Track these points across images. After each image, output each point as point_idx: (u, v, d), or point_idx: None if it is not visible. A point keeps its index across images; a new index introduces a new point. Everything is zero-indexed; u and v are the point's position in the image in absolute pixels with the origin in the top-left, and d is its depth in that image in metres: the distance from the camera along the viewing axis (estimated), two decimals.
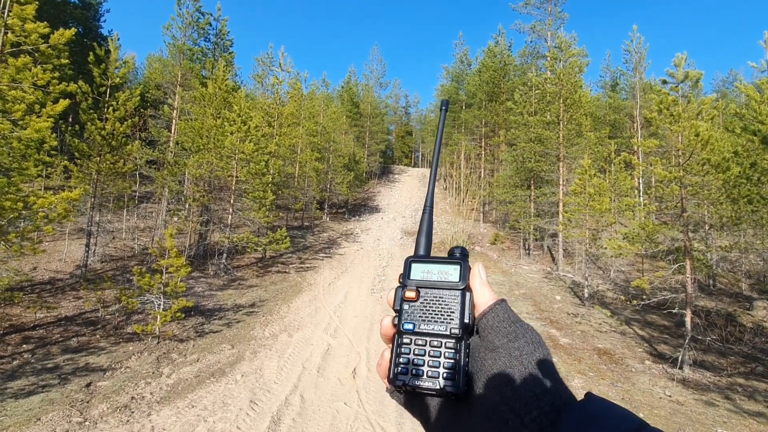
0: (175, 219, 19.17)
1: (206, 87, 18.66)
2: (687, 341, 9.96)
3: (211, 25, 24.32)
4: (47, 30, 8.97)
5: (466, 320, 0.51)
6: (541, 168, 21.09)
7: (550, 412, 0.42)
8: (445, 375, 0.49)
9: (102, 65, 13.86)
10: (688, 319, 10.31)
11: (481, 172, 32.41)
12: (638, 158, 19.86)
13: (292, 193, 23.70)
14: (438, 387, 0.48)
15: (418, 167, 60.76)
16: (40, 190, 14.94)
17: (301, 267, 17.34)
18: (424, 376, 0.49)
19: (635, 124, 31.36)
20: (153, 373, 7.80)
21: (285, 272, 16.50)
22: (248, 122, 16.86)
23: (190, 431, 5.80)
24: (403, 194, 36.39)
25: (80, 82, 12.72)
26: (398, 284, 0.58)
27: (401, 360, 0.51)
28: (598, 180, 15.19)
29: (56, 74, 9.30)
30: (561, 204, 18.99)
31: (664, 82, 11.17)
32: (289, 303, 12.61)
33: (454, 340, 0.51)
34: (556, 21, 29.52)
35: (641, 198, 23.87)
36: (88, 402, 6.62)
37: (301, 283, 14.97)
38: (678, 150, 10.70)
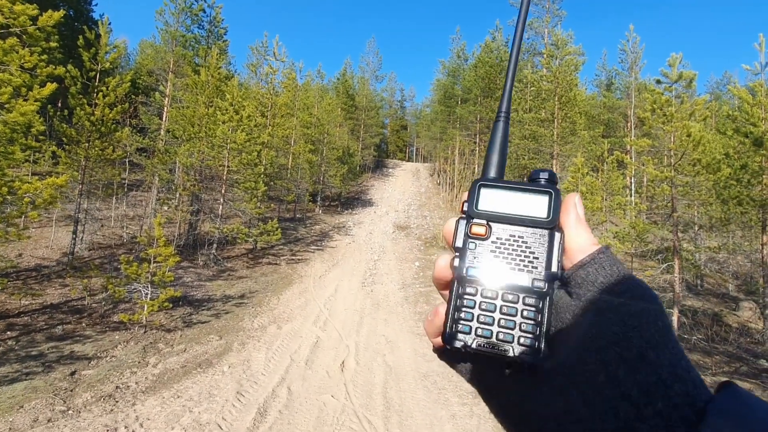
0: (165, 208, 18.97)
1: (199, 75, 18.40)
2: None
3: (204, 11, 23.96)
4: (36, 12, 8.76)
5: (554, 269, 0.40)
6: (535, 165, 21.14)
7: (683, 406, 0.31)
8: (521, 340, 0.38)
9: (92, 49, 13.59)
10: (675, 318, 10.43)
11: (475, 168, 32.45)
12: (631, 157, 19.97)
13: (285, 184, 23.55)
14: (511, 354, 0.38)
15: (413, 161, 60.71)
16: (27, 175, 14.69)
17: (292, 259, 17.27)
18: (493, 339, 0.39)
19: (629, 124, 31.53)
20: (139, 362, 7.73)
21: (276, 264, 16.43)
22: (241, 111, 16.68)
23: (175, 421, 5.75)
24: (396, 188, 36.36)
25: (69, 66, 12.46)
26: (460, 215, 0.45)
27: (462, 315, 0.40)
28: (590, 179, 15.25)
29: (44, 57, 9.09)
30: None
31: (659, 81, 11.20)
32: (279, 295, 12.56)
33: (536, 296, 0.39)
34: (554, 18, 29.56)
35: (633, 197, 24.05)
36: (72, 390, 6.54)
37: (292, 275, 14.91)
38: (670, 150, 10.76)
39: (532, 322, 0.38)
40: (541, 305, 0.39)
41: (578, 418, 0.33)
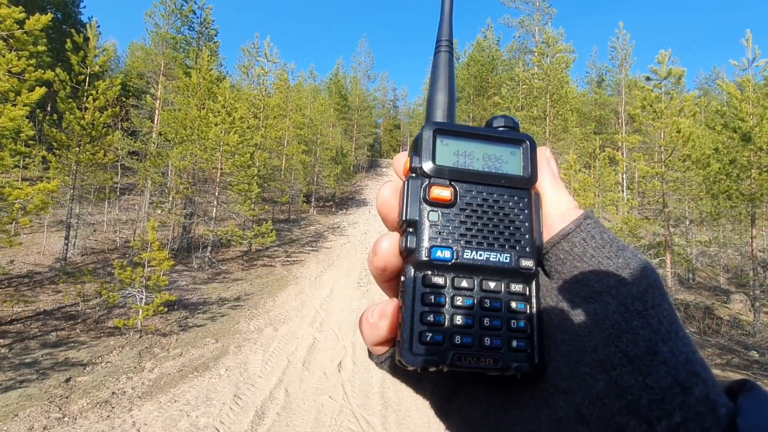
0: (158, 211, 18.85)
1: (190, 77, 18.30)
2: None
3: (195, 13, 23.84)
4: (23, 15, 8.68)
5: (538, 242, 0.31)
6: None
7: (706, 416, 0.23)
8: (513, 343, 0.29)
9: (80, 53, 13.47)
10: None
11: None
12: (622, 154, 20.14)
13: (279, 185, 23.50)
14: (501, 365, 0.28)
15: None
16: (17, 180, 14.53)
17: (288, 260, 17.23)
18: (475, 347, 0.29)
19: (620, 120, 31.77)
20: (135, 367, 7.69)
21: (271, 266, 16.38)
22: (233, 113, 16.62)
23: (173, 426, 5.73)
24: None
25: (58, 70, 12.35)
26: (407, 173, 0.34)
27: (429, 319, 0.29)
28: (583, 175, 15.37)
29: (32, 61, 9.01)
30: None
31: (648, 78, 11.32)
32: (274, 297, 12.53)
33: (524, 280, 0.31)
34: (544, 16, 29.68)
35: (624, 193, 24.25)
36: (67, 397, 6.49)
37: (287, 277, 14.88)
38: (660, 146, 10.87)
39: (523, 316, 0.30)
40: (529, 292, 0.31)
41: None
